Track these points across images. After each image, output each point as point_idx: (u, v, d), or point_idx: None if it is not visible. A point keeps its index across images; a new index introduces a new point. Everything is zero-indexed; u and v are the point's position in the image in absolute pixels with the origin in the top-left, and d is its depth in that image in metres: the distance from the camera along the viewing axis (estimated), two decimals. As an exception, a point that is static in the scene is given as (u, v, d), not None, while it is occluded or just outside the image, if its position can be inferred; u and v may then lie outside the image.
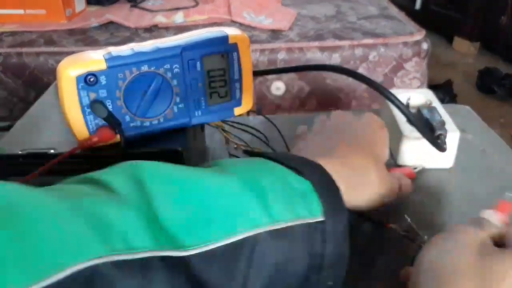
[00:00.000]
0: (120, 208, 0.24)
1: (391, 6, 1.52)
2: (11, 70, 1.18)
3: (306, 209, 0.27)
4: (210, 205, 0.26)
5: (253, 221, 0.26)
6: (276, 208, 0.26)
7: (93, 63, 0.34)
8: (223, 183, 0.27)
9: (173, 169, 0.28)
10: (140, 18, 1.38)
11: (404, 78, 1.23)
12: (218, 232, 0.25)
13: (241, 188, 0.27)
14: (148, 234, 0.24)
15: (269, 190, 0.27)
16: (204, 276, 0.24)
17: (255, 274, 0.25)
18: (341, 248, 0.28)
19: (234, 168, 0.29)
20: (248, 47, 0.39)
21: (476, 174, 0.50)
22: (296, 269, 0.27)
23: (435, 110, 0.46)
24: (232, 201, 0.26)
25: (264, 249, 0.26)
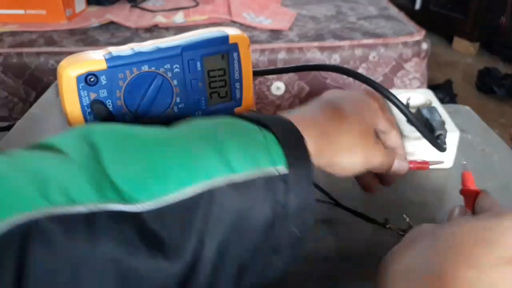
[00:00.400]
0: (62, 164, 0.23)
1: (391, 6, 1.52)
2: (11, 70, 1.18)
3: (269, 161, 0.27)
4: (163, 159, 0.25)
5: (210, 173, 0.25)
6: (235, 160, 0.26)
7: (94, 63, 0.34)
8: (178, 139, 0.27)
9: (124, 127, 0.27)
10: (140, 18, 1.38)
11: (404, 78, 1.23)
12: (172, 186, 0.24)
13: (198, 142, 0.26)
14: (92, 188, 0.23)
15: (228, 142, 0.27)
16: (158, 231, 0.23)
17: (213, 227, 0.25)
18: (306, 198, 0.27)
19: (191, 125, 0.29)
20: (248, 47, 0.39)
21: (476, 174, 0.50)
22: (259, 220, 0.26)
23: (435, 110, 0.47)
24: (188, 155, 0.25)
25: (223, 201, 0.25)
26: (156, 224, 0.23)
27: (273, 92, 1.21)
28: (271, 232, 0.27)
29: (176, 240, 0.24)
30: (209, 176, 0.25)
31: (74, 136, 0.26)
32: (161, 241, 0.23)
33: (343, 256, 0.40)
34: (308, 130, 0.30)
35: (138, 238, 0.23)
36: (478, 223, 0.25)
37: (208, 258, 0.25)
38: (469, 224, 0.25)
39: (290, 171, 0.27)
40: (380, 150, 0.35)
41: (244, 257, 0.26)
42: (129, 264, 0.23)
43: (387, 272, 0.27)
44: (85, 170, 0.23)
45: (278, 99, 1.22)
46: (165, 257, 0.23)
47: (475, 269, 0.23)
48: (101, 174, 0.23)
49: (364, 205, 0.42)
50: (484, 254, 0.23)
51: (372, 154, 0.34)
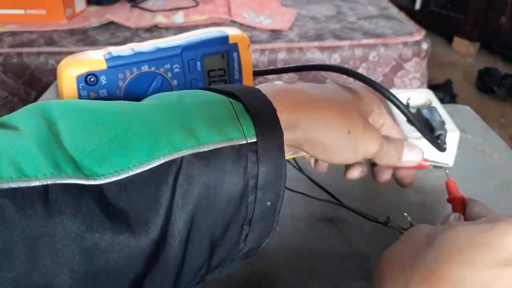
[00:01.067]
0: (13, 138, 0.22)
1: (391, 6, 1.52)
2: (11, 70, 1.18)
3: (238, 131, 0.26)
4: (125, 132, 0.24)
5: (176, 145, 0.24)
6: (202, 131, 0.25)
7: (94, 63, 0.34)
8: (140, 110, 0.26)
9: (84, 101, 0.26)
10: (140, 18, 1.38)
11: (404, 78, 1.23)
12: (135, 159, 0.23)
13: (162, 114, 0.25)
14: (48, 162, 0.22)
15: (194, 114, 0.26)
16: (121, 204, 0.22)
17: (182, 200, 0.24)
18: (277, 168, 0.26)
19: (155, 98, 0.28)
20: (248, 47, 0.39)
21: (476, 174, 0.50)
22: (229, 191, 0.25)
23: (435, 110, 0.47)
24: (150, 127, 0.24)
25: (191, 172, 0.24)
26: (117, 197, 0.22)
27: (273, 92, 1.20)
28: (243, 204, 0.26)
29: (141, 214, 0.23)
30: (174, 148, 0.24)
31: (29, 112, 0.25)
32: (125, 215, 0.23)
33: (344, 255, 0.40)
34: (280, 100, 0.29)
35: (100, 212, 0.22)
36: (475, 227, 0.25)
37: (177, 233, 0.24)
38: (466, 227, 0.26)
39: (259, 140, 0.26)
40: (371, 133, 0.32)
41: (215, 231, 0.26)
42: (92, 240, 0.22)
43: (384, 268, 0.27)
44: (39, 143, 0.22)
45: (278, 99, 1.21)
46: (130, 232, 0.23)
47: (468, 267, 0.23)
48: (58, 148, 0.22)
49: (365, 204, 0.42)
50: (479, 254, 0.23)
51: (360, 135, 0.31)
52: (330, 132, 0.30)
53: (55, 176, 0.22)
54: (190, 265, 0.25)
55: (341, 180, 0.40)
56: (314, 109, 0.30)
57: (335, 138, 0.31)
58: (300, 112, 0.30)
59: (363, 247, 0.41)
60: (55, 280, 0.21)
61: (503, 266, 0.23)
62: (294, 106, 0.30)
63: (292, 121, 0.29)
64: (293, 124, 0.29)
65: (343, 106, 0.32)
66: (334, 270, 0.39)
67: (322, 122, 0.30)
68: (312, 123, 0.30)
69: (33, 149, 0.22)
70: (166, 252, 0.24)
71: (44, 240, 0.21)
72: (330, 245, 0.41)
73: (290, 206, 0.45)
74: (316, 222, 0.44)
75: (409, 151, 0.36)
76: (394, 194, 0.46)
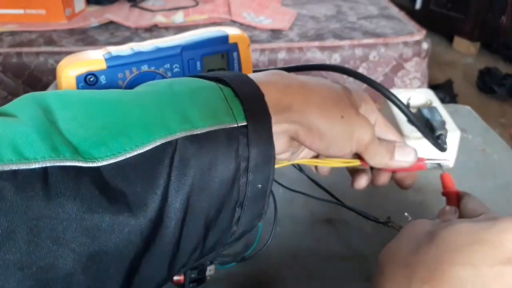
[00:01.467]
0: (12, 124, 0.23)
1: (391, 6, 1.52)
2: (11, 70, 1.18)
3: (228, 115, 0.27)
4: (120, 118, 0.25)
5: (170, 128, 0.25)
6: (195, 114, 0.26)
7: (93, 62, 0.33)
8: (135, 96, 0.27)
9: (79, 91, 0.27)
10: (140, 18, 1.38)
11: (404, 78, 1.23)
12: (131, 142, 0.24)
13: (156, 100, 0.26)
14: (45, 145, 0.22)
15: (187, 99, 0.27)
16: (120, 186, 0.23)
17: (177, 181, 0.24)
18: (267, 151, 0.27)
19: (149, 85, 0.29)
20: (248, 47, 0.39)
21: (476, 174, 0.50)
22: (223, 174, 0.26)
23: (435, 110, 0.46)
24: (146, 112, 0.25)
25: (186, 154, 0.25)
26: (116, 178, 0.23)
27: (273, 92, 1.20)
28: (235, 186, 0.27)
29: (139, 195, 0.23)
30: (169, 131, 0.25)
31: (25, 101, 0.26)
32: (123, 196, 0.23)
33: (344, 255, 0.40)
34: (272, 84, 0.30)
35: (99, 194, 0.23)
36: (475, 224, 0.26)
37: (174, 214, 0.25)
38: (466, 225, 0.26)
39: (249, 124, 0.27)
40: (364, 121, 0.32)
41: (209, 213, 0.26)
42: (92, 221, 0.22)
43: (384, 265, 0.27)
44: (37, 129, 0.23)
45: (278, 99, 1.21)
46: (129, 213, 0.23)
47: (469, 266, 0.23)
48: (55, 133, 0.23)
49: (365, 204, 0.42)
50: (479, 253, 0.24)
51: (354, 120, 0.31)
52: (324, 117, 0.30)
53: (53, 158, 0.22)
54: (185, 247, 0.26)
55: (341, 180, 0.40)
56: (307, 92, 0.31)
57: (329, 123, 0.31)
58: (293, 95, 0.30)
59: (363, 247, 0.41)
60: (57, 261, 0.22)
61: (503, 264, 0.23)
62: (287, 89, 0.30)
63: (285, 103, 0.30)
64: (286, 106, 0.30)
65: (335, 93, 0.32)
66: (334, 270, 0.39)
67: (315, 105, 0.31)
68: (305, 105, 0.30)
69: (32, 133, 0.23)
70: (163, 232, 0.24)
71: (46, 222, 0.21)
72: (330, 245, 0.41)
73: (290, 206, 0.45)
74: (316, 223, 0.44)
75: (402, 151, 0.35)
76: (394, 194, 0.46)
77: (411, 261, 0.26)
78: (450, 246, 0.25)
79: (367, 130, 0.32)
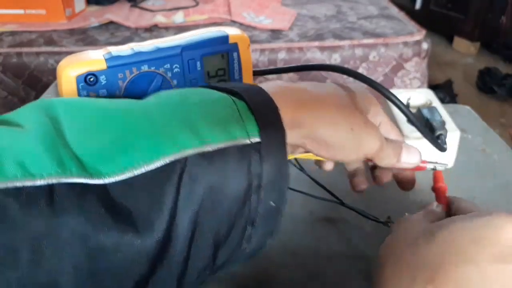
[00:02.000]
0: (18, 136, 0.22)
1: (391, 6, 1.52)
2: (11, 70, 1.18)
3: (241, 130, 0.26)
4: (129, 131, 0.24)
5: (180, 144, 0.24)
6: (206, 130, 0.25)
7: (93, 62, 0.34)
8: (145, 108, 0.26)
9: (88, 100, 0.26)
10: (140, 18, 1.38)
11: (404, 78, 1.23)
12: (140, 158, 0.23)
13: (167, 113, 0.25)
14: (52, 161, 0.22)
15: (198, 113, 0.26)
16: (126, 204, 0.22)
17: (186, 200, 0.24)
18: (281, 167, 0.26)
19: (159, 96, 0.28)
20: (248, 47, 0.39)
21: (476, 174, 0.50)
22: (233, 191, 0.25)
23: (435, 110, 0.46)
24: (155, 127, 0.24)
25: (195, 171, 0.24)
26: (122, 197, 0.22)
27: (273, 92, 1.20)
28: (246, 204, 0.26)
29: (145, 214, 0.23)
30: (178, 147, 0.24)
31: (32, 108, 0.25)
32: (130, 215, 0.22)
33: (344, 255, 0.40)
34: (284, 99, 0.29)
35: (104, 212, 0.22)
36: (471, 222, 0.26)
37: (182, 233, 0.24)
38: (463, 224, 0.26)
39: (263, 140, 0.26)
40: (373, 130, 0.32)
41: (219, 231, 0.25)
42: (97, 240, 0.22)
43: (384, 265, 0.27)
44: (43, 141, 0.22)
45: (278, 99, 1.21)
46: (135, 232, 0.22)
47: (472, 265, 0.23)
48: (62, 146, 0.22)
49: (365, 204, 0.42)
50: (480, 251, 0.24)
51: (363, 132, 0.31)
52: (334, 130, 0.30)
53: (60, 174, 0.21)
54: (194, 265, 0.25)
55: (341, 179, 0.40)
56: (318, 108, 0.30)
57: (338, 136, 0.30)
58: (304, 111, 0.30)
59: (363, 247, 0.41)
60: (59, 278, 0.21)
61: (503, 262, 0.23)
62: (298, 105, 0.30)
63: (296, 119, 0.29)
64: (298, 123, 0.29)
65: (344, 104, 0.32)
66: (334, 269, 0.39)
67: (326, 120, 0.30)
68: (316, 121, 0.30)
69: (38, 147, 0.22)
70: (170, 252, 0.24)
71: (49, 240, 0.21)
72: (330, 245, 0.41)
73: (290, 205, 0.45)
74: (316, 222, 0.44)
75: (407, 152, 0.36)
76: (394, 194, 0.46)
77: (412, 261, 0.26)
78: (450, 246, 0.25)
79: (376, 140, 0.32)
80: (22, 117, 0.24)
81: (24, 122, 0.24)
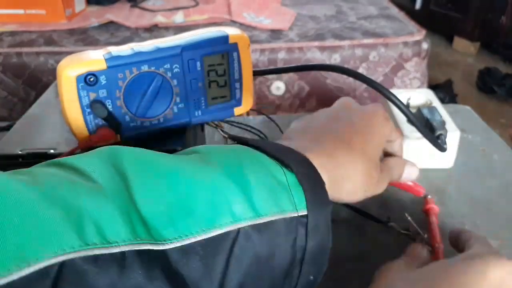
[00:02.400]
0: (96, 199, 0.23)
1: (391, 6, 1.52)
2: (11, 70, 1.18)
3: (290, 203, 0.26)
4: (191, 197, 0.24)
5: (236, 215, 0.25)
6: (260, 202, 0.25)
7: (93, 63, 0.33)
8: (206, 175, 0.26)
9: (154, 157, 0.27)
10: (140, 18, 1.38)
11: (404, 78, 1.23)
12: (198, 225, 0.24)
13: (224, 181, 0.26)
14: (125, 227, 0.23)
15: (254, 183, 0.26)
16: (181, 270, 0.23)
17: (234, 269, 0.24)
18: (324, 242, 0.27)
19: (216, 157, 0.28)
20: (248, 47, 0.39)
21: (476, 174, 0.50)
22: (278, 263, 0.26)
23: (435, 110, 0.46)
24: (214, 194, 0.25)
25: (246, 243, 0.25)
26: (179, 263, 0.23)
27: (273, 92, 1.21)
28: (287, 276, 0.26)
29: (198, 282, 0.23)
30: (234, 218, 0.25)
31: (101, 159, 0.26)
32: (183, 283, 0.23)
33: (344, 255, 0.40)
34: (324, 167, 0.29)
35: (166, 280, 0.23)
36: (452, 268, 0.27)
37: None
38: (446, 271, 0.27)
39: (310, 214, 0.26)
40: (383, 184, 0.35)
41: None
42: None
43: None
44: (118, 205, 0.23)
45: (278, 99, 1.22)
46: None
47: None
48: (133, 207, 0.23)
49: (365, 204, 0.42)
50: None
51: (374, 190, 0.34)
52: (350, 195, 0.32)
53: (131, 241, 0.22)
54: None
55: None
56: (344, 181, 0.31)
57: (352, 196, 0.32)
58: (334, 186, 0.30)
59: (363, 247, 0.41)
60: None
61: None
62: (332, 177, 0.30)
63: (331, 181, 0.30)
64: (330, 182, 0.30)
65: (369, 160, 0.33)
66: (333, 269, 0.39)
67: (347, 189, 0.31)
68: (340, 189, 0.31)
69: (114, 211, 0.23)
70: None
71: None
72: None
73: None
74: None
75: (408, 169, 0.38)
76: (394, 194, 0.46)
77: None
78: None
79: (382, 190, 0.35)
80: (91, 167, 0.25)
81: (94, 175, 0.24)
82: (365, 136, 0.34)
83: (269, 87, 1.20)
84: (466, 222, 0.43)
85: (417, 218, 0.40)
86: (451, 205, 0.45)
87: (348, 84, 1.19)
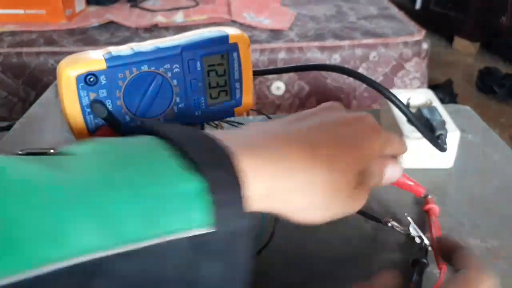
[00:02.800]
0: None
1: (391, 6, 1.52)
2: (11, 70, 1.18)
3: (185, 219, 0.21)
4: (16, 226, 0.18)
5: (88, 243, 0.19)
6: (133, 222, 0.20)
7: (93, 63, 0.33)
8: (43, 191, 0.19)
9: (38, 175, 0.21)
10: (140, 18, 1.38)
11: (404, 78, 1.23)
12: (25, 260, 0.18)
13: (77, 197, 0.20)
14: None
15: (125, 198, 0.20)
16: None
17: None
18: (237, 268, 0.22)
19: (84, 164, 0.22)
20: (248, 47, 0.39)
21: (476, 174, 0.50)
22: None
23: (435, 110, 0.46)
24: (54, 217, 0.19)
25: (114, 274, 0.19)
26: None
27: (273, 92, 1.21)
28: None
29: None
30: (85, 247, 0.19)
31: None
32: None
33: (344, 255, 0.40)
34: (260, 170, 0.25)
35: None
36: None
37: None
38: None
39: (216, 233, 0.21)
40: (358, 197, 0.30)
41: None
42: None
43: None
44: None
45: (278, 99, 1.22)
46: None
47: None
48: None
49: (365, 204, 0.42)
50: None
51: (342, 202, 0.29)
52: (302, 212, 0.28)
53: None
54: None
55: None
56: (288, 187, 0.26)
57: (307, 216, 0.28)
58: (267, 185, 0.25)
59: (363, 247, 0.41)
60: None
61: None
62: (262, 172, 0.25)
63: (271, 192, 0.25)
64: (272, 194, 0.26)
65: (337, 173, 0.28)
66: (334, 270, 0.39)
67: (295, 203, 0.27)
68: (279, 202, 0.26)
69: None
70: None
71: None
72: (330, 245, 0.41)
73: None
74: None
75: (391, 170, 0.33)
76: (394, 194, 0.46)
77: None
78: None
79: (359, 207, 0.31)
80: None
81: None
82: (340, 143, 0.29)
83: (269, 87, 1.20)
84: (466, 222, 0.43)
85: (417, 218, 0.40)
86: (451, 205, 0.45)
87: (348, 84, 1.19)
